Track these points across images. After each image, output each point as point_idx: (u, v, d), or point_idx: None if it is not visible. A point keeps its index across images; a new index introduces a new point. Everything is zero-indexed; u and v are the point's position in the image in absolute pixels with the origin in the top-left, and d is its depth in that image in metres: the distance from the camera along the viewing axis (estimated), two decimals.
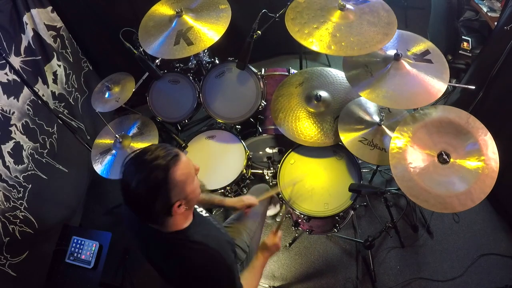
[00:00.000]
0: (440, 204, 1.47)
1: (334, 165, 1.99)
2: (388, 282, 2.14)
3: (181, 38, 1.95)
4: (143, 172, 0.98)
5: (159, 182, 0.99)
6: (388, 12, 1.72)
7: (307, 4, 1.78)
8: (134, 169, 1.00)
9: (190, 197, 1.08)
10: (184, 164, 1.04)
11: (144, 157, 1.00)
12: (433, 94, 1.60)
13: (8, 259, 1.93)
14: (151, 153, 1.01)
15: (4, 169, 1.97)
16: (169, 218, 1.07)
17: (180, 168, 1.02)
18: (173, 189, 1.01)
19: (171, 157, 1.01)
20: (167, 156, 1.01)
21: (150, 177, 0.98)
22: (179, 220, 1.11)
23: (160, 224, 1.09)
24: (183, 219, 1.13)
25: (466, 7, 2.72)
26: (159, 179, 0.98)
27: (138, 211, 1.06)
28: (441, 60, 1.70)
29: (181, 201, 1.04)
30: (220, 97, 2.22)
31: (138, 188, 0.99)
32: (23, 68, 2.19)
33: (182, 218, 1.12)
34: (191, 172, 1.07)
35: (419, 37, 1.81)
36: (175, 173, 1.00)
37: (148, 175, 0.98)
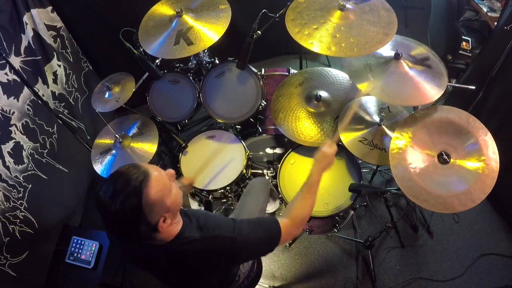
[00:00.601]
0: (440, 204, 1.47)
1: (334, 165, 1.97)
2: (388, 282, 2.14)
3: (181, 38, 1.94)
4: (117, 203, 0.94)
5: (135, 209, 0.95)
6: (389, 11, 1.71)
7: (307, 4, 1.78)
8: (109, 200, 0.95)
9: (173, 208, 1.04)
10: (156, 181, 0.99)
11: (116, 186, 0.96)
12: (428, 97, 1.60)
13: (8, 259, 1.93)
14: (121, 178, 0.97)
15: (4, 169, 1.97)
16: (158, 234, 1.04)
17: (152, 187, 0.97)
18: (152, 210, 0.98)
19: (141, 179, 0.97)
20: (137, 179, 0.96)
21: (125, 208, 0.94)
22: (170, 230, 1.08)
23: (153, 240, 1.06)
24: (174, 227, 1.10)
25: (466, 7, 2.72)
26: (134, 207, 0.95)
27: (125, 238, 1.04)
28: (440, 67, 1.70)
29: (164, 216, 1.02)
30: (220, 97, 2.22)
31: (118, 219, 0.96)
32: (23, 68, 2.19)
33: (171, 227, 1.09)
34: (165, 185, 1.02)
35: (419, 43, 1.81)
36: (148, 194, 0.96)
37: (123, 206, 0.94)
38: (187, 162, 2.15)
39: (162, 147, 2.70)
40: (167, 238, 1.09)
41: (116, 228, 1.01)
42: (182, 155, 2.18)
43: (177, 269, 1.20)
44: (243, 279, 1.57)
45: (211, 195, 2.10)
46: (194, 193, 2.16)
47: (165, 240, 1.09)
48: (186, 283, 1.29)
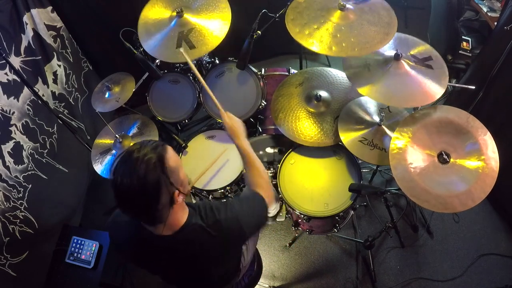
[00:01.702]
0: (440, 204, 1.47)
1: (334, 165, 1.99)
2: (388, 282, 2.14)
3: (183, 40, 1.93)
4: (140, 170, 0.97)
5: (159, 174, 0.99)
6: (388, 11, 1.71)
7: (307, 4, 1.78)
8: (129, 170, 0.98)
9: (184, 184, 1.09)
10: (172, 151, 1.06)
11: (134, 156, 0.99)
12: (430, 96, 1.60)
13: (8, 259, 1.93)
14: (138, 150, 1.00)
15: (4, 169, 1.97)
16: (171, 211, 1.06)
17: (170, 155, 1.04)
18: (171, 177, 1.02)
19: (160, 148, 1.02)
20: (156, 148, 1.02)
21: (150, 172, 0.97)
22: (180, 212, 1.11)
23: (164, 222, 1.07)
24: (182, 210, 1.12)
25: (466, 7, 2.72)
26: (159, 171, 0.99)
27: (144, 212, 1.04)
28: (441, 66, 1.70)
29: (179, 188, 1.06)
30: (220, 97, 2.20)
31: (141, 187, 0.97)
32: (23, 68, 2.19)
33: (181, 209, 1.11)
34: (178, 159, 1.09)
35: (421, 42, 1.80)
36: (168, 161, 1.02)
37: (147, 171, 0.97)
38: (187, 162, 2.15)
39: None
40: (176, 225, 1.10)
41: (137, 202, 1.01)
42: (182, 155, 2.18)
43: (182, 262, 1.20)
44: (243, 276, 1.57)
45: (211, 195, 2.10)
46: (194, 193, 2.16)
47: (174, 228, 1.10)
48: (189, 279, 1.30)
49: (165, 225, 1.08)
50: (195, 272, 1.25)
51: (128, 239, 1.22)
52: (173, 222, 1.10)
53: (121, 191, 1.00)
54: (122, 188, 0.99)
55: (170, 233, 1.11)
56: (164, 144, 1.06)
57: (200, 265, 1.21)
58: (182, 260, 1.19)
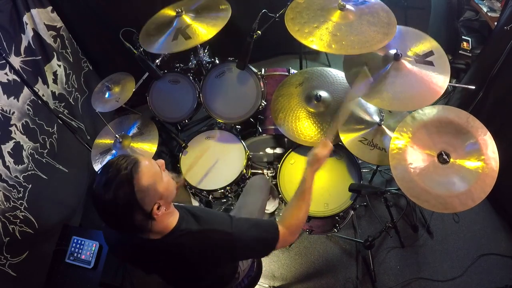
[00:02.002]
0: (440, 205, 1.47)
1: (334, 165, 1.99)
2: (388, 282, 2.14)
3: (180, 33, 1.96)
4: (109, 192, 0.95)
5: (128, 196, 0.96)
6: (388, 13, 1.72)
7: (306, 4, 1.78)
8: (102, 191, 0.96)
9: (166, 195, 1.05)
10: (146, 167, 1.00)
11: (107, 176, 0.97)
12: (435, 92, 1.58)
13: (8, 259, 1.93)
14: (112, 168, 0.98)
15: (4, 169, 1.97)
16: (154, 222, 1.04)
17: (143, 173, 0.99)
18: (145, 197, 0.99)
19: (131, 166, 0.98)
20: (127, 167, 0.97)
21: (118, 195, 0.95)
22: (166, 220, 1.09)
23: (149, 231, 1.06)
24: (169, 217, 1.10)
25: (466, 7, 2.72)
26: (127, 194, 0.96)
27: (121, 228, 1.05)
28: (443, 61, 1.68)
29: (158, 203, 1.02)
30: (220, 97, 2.22)
31: (112, 208, 0.97)
32: (23, 68, 2.19)
33: (167, 217, 1.09)
34: (156, 172, 1.03)
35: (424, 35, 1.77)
36: (140, 180, 0.97)
37: (116, 194, 0.95)
38: (187, 162, 2.15)
39: (162, 147, 2.70)
40: (164, 230, 1.09)
41: (112, 219, 1.01)
42: (182, 155, 2.18)
43: (175, 265, 1.20)
44: (243, 277, 1.57)
45: (211, 195, 2.10)
46: (194, 193, 2.16)
47: (162, 232, 1.09)
48: (185, 279, 1.30)
49: (151, 232, 1.07)
50: (187, 275, 1.24)
51: (119, 242, 1.23)
52: (160, 229, 1.08)
53: (97, 209, 0.99)
54: (97, 206, 0.99)
55: (159, 237, 1.10)
56: (137, 161, 1.00)
57: (190, 269, 1.20)
58: (172, 263, 1.19)
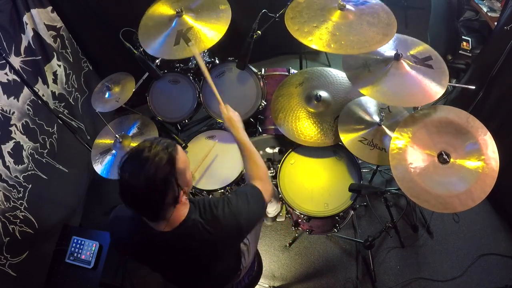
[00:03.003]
0: (440, 205, 1.47)
1: (334, 165, 1.99)
2: (388, 282, 2.14)
3: (181, 38, 1.94)
4: (150, 170, 0.98)
5: (167, 175, 1.01)
6: (388, 13, 1.72)
7: (307, 4, 1.78)
8: (138, 168, 0.99)
9: (190, 183, 1.13)
10: (182, 152, 1.09)
11: (144, 155, 1.00)
12: (430, 96, 1.60)
13: (8, 259, 1.93)
14: (149, 149, 1.02)
15: (4, 169, 1.97)
16: (174, 210, 1.08)
17: (180, 156, 1.06)
18: (179, 178, 1.05)
19: (171, 148, 1.04)
20: (167, 148, 1.03)
21: (159, 173, 0.99)
22: (181, 210, 1.12)
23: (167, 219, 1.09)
24: (183, 208, 1.14)
25: (466, 7, 2.72)
26: (167, 173, 1.01)
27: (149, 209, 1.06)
28: (441, 66, 1.70)
29: (184, 188, 1.08)
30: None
31: (149, 187, 0.99)
32: (23, 68, 2.19)
33: (182, 207, 1.13)
34: (187, 160, 1.11)
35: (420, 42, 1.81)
36: (178, 162, 1.04)
37: (156, 171, 0.99)
38: None
39: None
40: (176, 221, 1.12)
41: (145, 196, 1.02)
42: None
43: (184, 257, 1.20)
44: (244, 276, 1.57)
45: (211, 195, 2.10)
46: (194, 193, 2.16)
47: (174, 223, 1.11)
48: (190, 275, 1.30)
49: (168, 222, 1.10)
50: (194, 268, 1.25)
51: (129, 234, 1.23)
52: (174, 219, 1.11)
53: (128, 189, 1.01)
54: (128, 185, 1.01)
55: (170, 229, 1.12)
56: (175, 144, 1.08)
57: (199, 261, 1.21)
58: (181, 256, 1.19)
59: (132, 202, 1.04)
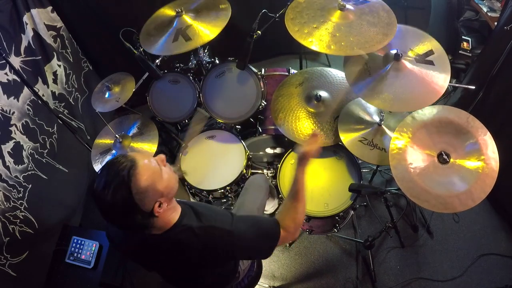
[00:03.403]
0: (440, 205, 1.47)
1: (334, 165, 1.99)
2: (388, 282, 2.14)
3: (180, 35, 1.96)
4: (108, 195, 0.96)
5: (126, 199, 0.96)
6: (388, 12, 1.71)
7: (307, 4, 1.78)
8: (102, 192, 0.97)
9: (167, 192, 1.05)
10: (143, 169, 0.99)
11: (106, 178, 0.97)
12: (436, 92, 1.57)
13: (8, 259, 1.93)
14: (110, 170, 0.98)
15: (4, 169, 1.97)
16: (156, 219, 1.05)
17: (140, 175, 0.98)
18: (145, 198, 0.99)
19: (128, 170, 0.97)
20: (124, 169, 0.97)
21: (117, 198, 0.96)
22: (168, 216, 1.10)
23: (151, 227, 1.07)
24: (171, 213, 1.11)
25: (466, 7, 2.72)
26: (125, 197, 0.96)
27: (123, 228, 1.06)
28: (443, 60, 1.68)
29: (159, 201, 1.02)
30: (220, 97, 2.22)
31: (111, 210, 0.98)
32: (23, 68, 2.19)
33: (169, 213, 1.10)
34: (155, 171, 1.02)
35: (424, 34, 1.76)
36: (137, 183, 0.97)
37: (114, 197, 0.96)
38: (187, 162, 2.15)
39: (162, 147, 2.70)
40: (166, 225, 1.10)
41: (113, 219, 1.02)
42: (182, 155, 2.18)
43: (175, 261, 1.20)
44: (243, 277, 1.57)
45: (211, 195, 2.10)
46: (194, 193, 2.16)
47: (164, 228, 1.10)
48: (185, 277, 1.30)
49: (154, 228, 1.09)
50: (186, 271, 1.25)
51: (123, 235, 1.24)
52: (162, 224, 1.09)
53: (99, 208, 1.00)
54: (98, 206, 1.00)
55: (159, 232, 1.11)
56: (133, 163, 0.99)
57: (189, 265, 1.21)
58: (172, 259, 1.19)
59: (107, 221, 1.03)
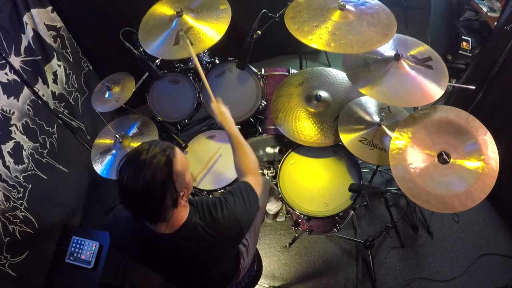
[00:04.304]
0: (440, 205, 1.47)
1: (334, 165, 1.99)
2: (388, 282, 2.14)
3: (181, 39, 1.94)
4: (147, 172, 0.98)
5: (165, 178, 1.01)
6: (388, 14, 1.72)
7: (307, 3, 1.78)
8: (136, 171, 0.99)
9: (189, 186, 1.12)
10: (180, 154, 1.08)
11: (142, 157, 1.00)
12: (430, 97, 1.60)
13: (8, 259, 1.93)
14: (147, 152, 1.02)
15: (4, 169, 1.97)
16: (175, 212, 1.08)
17: (178, 159, 1.05)
18: (177, 181, 1.04)
19: (169, 151, 1.04)
20: (165, 151, 1.03)
21: (156, 175, 0.99)
22: (182, 211, 1.13)
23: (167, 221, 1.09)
24: (184, 210, 1.14)
25: (466, 7, 2.72)
26: (165, 175, 1.01)
27: (148, 212, 1.06)
28: (441, 67, 1.70)
29: (183, 191, 1.07)
30: (220, 97, 2.21)
31: (147, 188, 0.99)
32: (23, 68, 2.19)
33: (183, 209, 1.13)
34: (186, 162, 1.10)
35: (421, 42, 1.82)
36: (176, 165, 1.03)
37: (154, 174, 0.99)
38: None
39: None
40: (177, 223, 1.12)
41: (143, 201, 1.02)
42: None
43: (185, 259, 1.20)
44: (243, 276, 1.58)
45: (211, 195, 2.10)
46: (194, 193, 2.15)
47: (174, 226, 1.11)
48: (190, 276, 1.30)
49: (168, 224, 1.10)
50: (194, 270, 1.25)
51: (128, 235, 1.23)
52: (175, 221, 1.11)
53: (126, 191, 1.01)
54: (127, 188, 1.01)
55: (171, 231, 1.12)
56: (173, 146, 1.07)
57: (199, 263, 1.21)
58: (181, 258, 1.20)
59: (131, 205, 1.04)
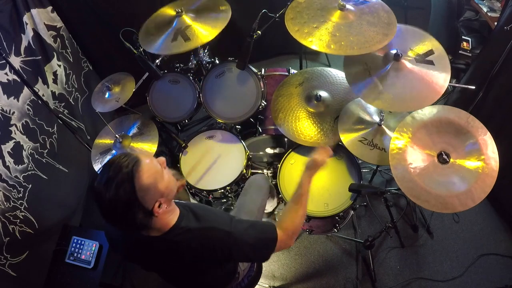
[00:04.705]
0: (440, 204, 1.47)
1: (334, 165, 1.99)
2: (388, 282, 2.14)
3: (179, 35, 1.96)
4: (111, 191, 0.95)
5: (129, 195, 0.97)
6: (388, 13, 1.71)
7: (307, 4, 1.78)
8: (103, 189, 0.96)
9: (167, 193, 1.06)
10: (147, 166, 1.01)
11: (109, 174, 0.97)
12: (436, 92, 1.58)
13: (8, 259, 1.93)
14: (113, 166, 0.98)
15: (4, 169, 1.97)
16: (155, 220, 1.05)
17: (144, 171, 0.99)
18: (146, 195, 0.99)
19: (132, 165, 0.98)
20: (128, 165, 0.98)
21: (119, 194, 0.95)
22: (166, 218, 1.10)
23: (150, 228, 1.07)
24: (170, 215, 1.11)
25: (466, 7, 2.72)
26: (128, 192, 0.96)
27: (122, 227, 1.06)
28: (443, 59, 1.69)
29: (159, 201, 1.03)
30: (220, 97, 2.22)
31: (113, 206, 0.97)
32: (23, 68, 2.19)
33: (168, 214, 1.10)
34: (157, 170, 1.04)
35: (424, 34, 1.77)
36: (141, 179, 0.98)
37: (117, 192, 0.95)
38: (187, 162, 2.15)
39: (162, 147, 2.70)
40: (164, 228, 1.10)
41: (113, 217, 1.01)
42: (182, 155, 2.18)
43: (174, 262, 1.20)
44: (243, 277, 1.57)
45: (211, 195, 2.10)
46: (194, 193, 2.16)
47: (162, 230, 1.10)
48: (183, 278, 1.30)
49: (152, 229, 1.09)
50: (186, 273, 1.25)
51: (122, 236, 1.24)
52: (160, 226, 1.09)
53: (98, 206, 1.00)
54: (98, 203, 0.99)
55: (158, 234, 1.11)
56: (138, 159, 1.01)
57: (189, 267, 1.21)
58: (171, 260, 1.19)
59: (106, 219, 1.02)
